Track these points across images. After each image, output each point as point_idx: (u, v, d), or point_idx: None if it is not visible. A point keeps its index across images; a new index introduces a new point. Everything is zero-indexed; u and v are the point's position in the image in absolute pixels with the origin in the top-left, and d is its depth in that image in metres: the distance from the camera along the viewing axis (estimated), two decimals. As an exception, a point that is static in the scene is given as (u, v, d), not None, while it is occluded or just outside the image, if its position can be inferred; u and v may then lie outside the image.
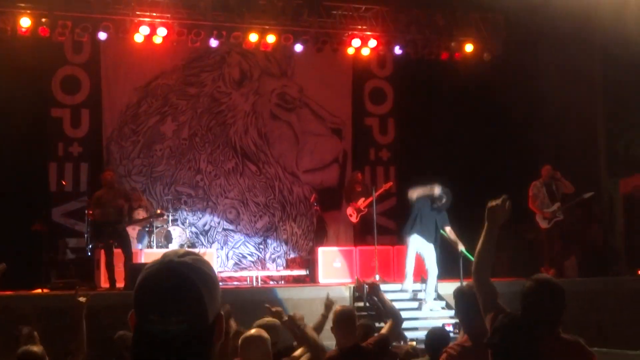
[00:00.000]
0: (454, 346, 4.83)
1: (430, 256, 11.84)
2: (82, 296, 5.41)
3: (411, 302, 12.12)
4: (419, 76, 16.56)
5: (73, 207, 14.77)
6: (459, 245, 11.70)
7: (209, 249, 14.74)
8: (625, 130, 16.12)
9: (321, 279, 13.58)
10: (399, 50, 15.78)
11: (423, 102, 16.65)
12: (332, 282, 13.06)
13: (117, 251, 12.07)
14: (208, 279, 1.85)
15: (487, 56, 15.84)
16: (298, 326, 5.45)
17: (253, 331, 4.97)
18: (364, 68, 17.00)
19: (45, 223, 12.91)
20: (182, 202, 15.45)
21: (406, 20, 15.64)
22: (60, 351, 6.15)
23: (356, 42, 15.39)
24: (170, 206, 14.81)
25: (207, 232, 15.84)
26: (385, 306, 6.28)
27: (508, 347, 3.62)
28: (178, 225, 14.54)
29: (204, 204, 15.90)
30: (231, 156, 16.19)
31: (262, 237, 16.10)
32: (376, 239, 13.25)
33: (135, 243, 13.50)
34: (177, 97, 15.94)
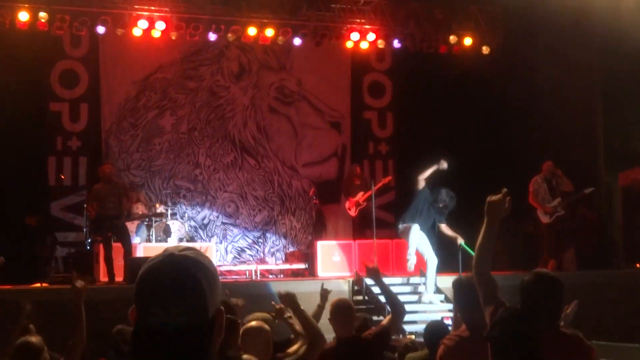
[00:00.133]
0: (452, 336, 4.82)
1: (427, 248, 11.84)
2: (80, 280, 5.15)
3: (410, 296, 12.12)
4: (418, 70, 16.54)
5: (72, 201, 14.77)
6: (458, 238, 11.70)
7: (208, 243, 14.75)
8: (623, 123, 16.10)
9: (320, 273, 13.58)
10: (398, 43, 15.75)
11: (422, 96, 16.65)
12: (331, 276, 13.05)
13: (116, 245, 12.07)
14: (208, 273, 1.85)
15: (486, 49, 15.84)
16: (285, 320, 5.44)
17: (254, 323, 5.00)
18: (363, 61, 16.98)
19: (38, 217, 12.87)
20: (181, 196, 15.43)
21: (405, 13, 15.61)
22: (59, 346, 6.14)
23: (355, 36, 15.37)
24: (169, 200, 14.78)
25: (206, 226, 15.84)
26: (386, 294, 6.12)
27: (508, 341, 3.62)
28: (177, 219, 14.52)
29: (203, 198, 15.89)
30: (230, 150, 16.19)
31: (261, 231, 16.10)
32: (375, 233, 13.24)
33: (133, 237, 13.51)
34: (176, 91, 15.93)
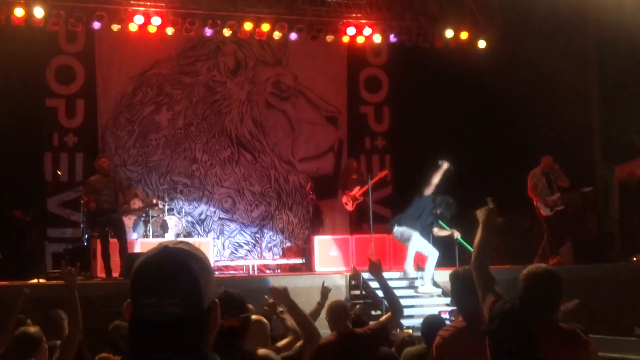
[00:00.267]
0: (448, 328, 4.85)
1: (426, 246, 11.85)
2: (71, 267, 4.97)
3: (408, 290, 12.12)
4: (414, 64, 16.52)
5: (69, 197, 14.73)
6: (455, 233, 11.72)
7: (205, 238, 14.75)
8: (620, 116, 16.12)
9: (317, 268, 13.58)
10: (394, 38, 15.73)
11: (418, 90, 16.61)
12: (328, 271, 13.05)
13: (113, 240, 12.06)
14: (203, 265, 1.88)
15: (482, 43, 15.84)
16: (277, 314, 5.60)
17: (253, 316, 5.02)
18: (359, 56, 16.97)
19: (22, 210, 12.79)
20: (178, 192, 15.41)
21: (401, 7, 15.61)
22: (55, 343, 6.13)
23: (351, 31, 15.35)
24: (166, 196, 14.76)
25: (203, 222, 15.84)
26: (385, 291, 6.12)
27: (506, 335, 3.63)
28: (174, 214, 14.52)
29: (200, 194, 15.89)
30: (227, 145, 16.18)
31: (258, 226, 16.09)
32: (372, 227, 13.25)
33: (130, 232, 13.50)
34: (172, 87, 15.91)
